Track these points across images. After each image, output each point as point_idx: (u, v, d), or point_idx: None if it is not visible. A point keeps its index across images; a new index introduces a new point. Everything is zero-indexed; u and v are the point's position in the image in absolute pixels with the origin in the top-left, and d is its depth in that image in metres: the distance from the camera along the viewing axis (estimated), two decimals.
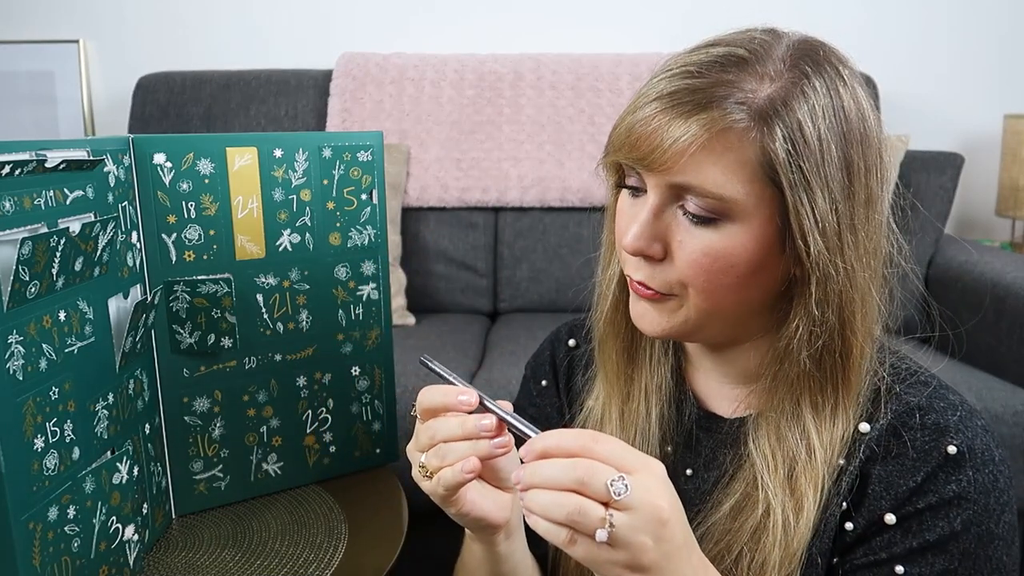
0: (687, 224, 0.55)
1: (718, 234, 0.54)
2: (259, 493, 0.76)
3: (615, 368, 0.67)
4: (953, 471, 0.54)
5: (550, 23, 2.14)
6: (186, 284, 0.69)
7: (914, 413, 0.56)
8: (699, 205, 0.54)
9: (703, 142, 0.52)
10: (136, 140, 0.66)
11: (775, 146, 0.52)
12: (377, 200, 0.77)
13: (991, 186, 2.17)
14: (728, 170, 0.52)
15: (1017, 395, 1.39)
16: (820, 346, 0.56)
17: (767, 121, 0.52)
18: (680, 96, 0.53)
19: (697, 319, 0.58)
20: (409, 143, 1.90)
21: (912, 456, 0.55)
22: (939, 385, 0.59)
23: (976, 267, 1.63)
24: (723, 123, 0.52)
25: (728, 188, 0.53)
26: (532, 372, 0.77)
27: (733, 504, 0.59)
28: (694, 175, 0.53)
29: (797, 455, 0.57)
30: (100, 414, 0.59)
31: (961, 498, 0.54)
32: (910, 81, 2.13)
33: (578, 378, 0.73)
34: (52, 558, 0.53)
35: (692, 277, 0.55)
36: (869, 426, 0.57)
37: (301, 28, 2.16)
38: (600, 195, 2.21)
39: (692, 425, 0.66)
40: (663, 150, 0.53)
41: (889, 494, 0.55)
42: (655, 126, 0.53)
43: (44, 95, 2.15)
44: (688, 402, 0.66)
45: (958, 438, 0.55)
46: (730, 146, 0.52)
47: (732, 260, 0.54)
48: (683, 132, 0.52)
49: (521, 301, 1.92)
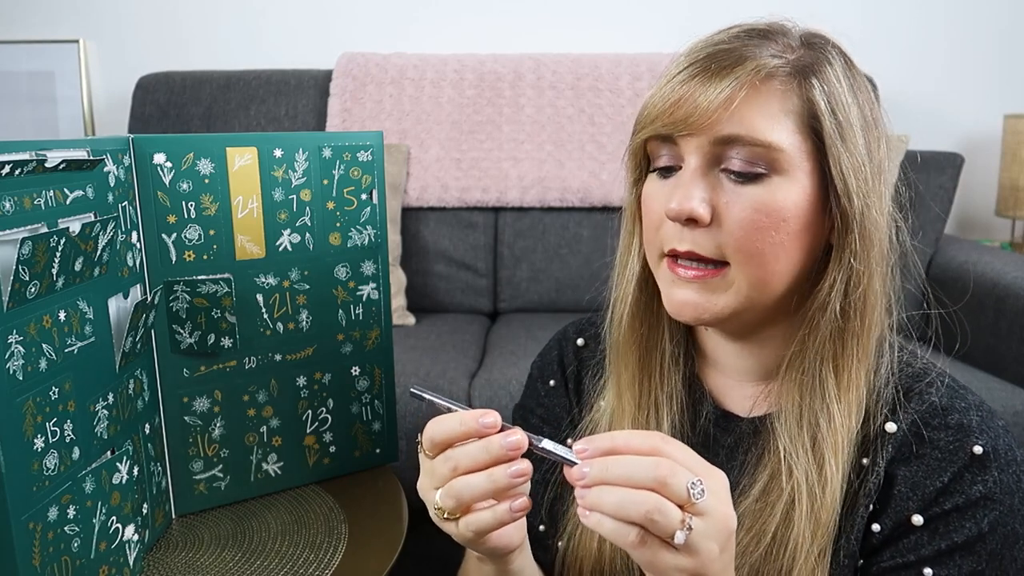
0: (732, 185, 0.55)
1: (765, 189, 0.55)
2: (259, 493, 0.76)
3: (630, 373, 0.65)
4: (979, 471, 0.54)
5: (550, 23, 2.14)
6: (186, 284, 0.69)
7: (937, 413, 0.56)
8: (745, 159, 0.55)
9: (747, 91, 0.54)
10: (136, 140, 0.66)
11: (815, 96, 0.54)
12: (377, 200, 0.77)
13: (991, 186, 2.17)
14: (773, 118, 0.54)
15: (1017, 395, 1.39)
16: (854, 309, 0.57)
17: (805, 74, 0.55)
18: (713, 59, 0.55)
19: (746, 293, 0.56)
20: (409, 143, 1.90)
21: (937, 456, 0.55)
22: (956, 385, 0.59)
23: (976, 267, 1.63)
24: (766, 71, 0.54)
25: (775, 134, 0.54)
26: (539, 372, 0.76)
27: (762, 488, 0.59)
28: (739, 125, 0.54)
29: (819, 423, 0.57)
30: (100, 414, 0.59)
31: (988, 499, 0.54)
32: (910, 81, 2.13)
33: (587, 378, 0.72)
34: (52, 558, 0.53)
35: (743, 238, 0.55)
36: (896, 426, 0.57)
37: (301, 28, 2.16)
38: (600, 195, 2.20)
39: (709, 425, 0.65)
40: (706, 107, 0.54)
41: (915, 495, 0.55)
42: (693, 87, 0.55)
43: (44, 95, 2.15)
44: (705, 402, 0.66)
45: (983, 438, 0.55)
46: (773, 95, 0.54)
47: (783, 214, 0.55)
48: (727, 84, 0.54)
49: (521, 301, 1.92)
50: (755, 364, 0.63)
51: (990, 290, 1.54)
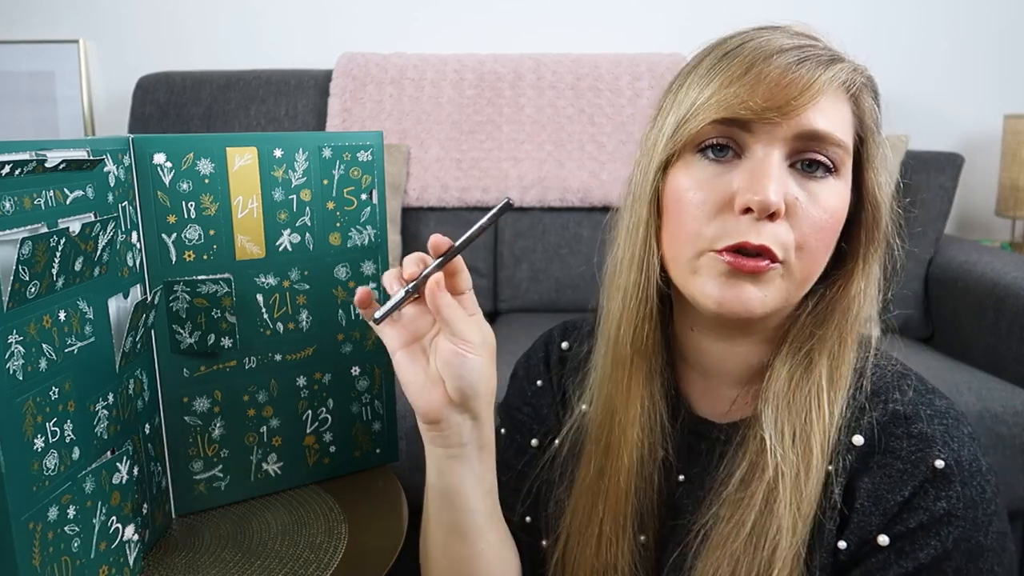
0: (803, 180, 0.55)
1: (831, 189, 0.56)
2: (259, 493, 0.76)
3: (643, 372, 0.63)
4: (943, 487, 0.54)
5: (550, 23, 2.14)
6: (186, 284, 0.69)
7: (900, 422, 0.56)
8: (824, 156, 0.55)
9: (835, 91, 0.55)
10: (136, 140, 0.66)
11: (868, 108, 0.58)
12: (377, 200, 0.77)
13: (991, 186, 2.17)
14: (845, 121, 0.56)
15: (1017, 395, 1.39)
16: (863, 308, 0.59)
17: (864, 89, 0.58)
18: (812, 50, 0.56)
19: (789, 292, 0.56)
20: (409, 143, 1.90)
21: (899, 468, 0.55)
22: (924, 389, 0.58)
23: (976, 267, 1.63)
24: (846, 78, 0.56)
25: (847, 137, 0.56)
26: (525, 372, 0.76)
27: (741, 477, 0.58)
28: (826, 120, 0.55)
29: (810, 415, 0.57)
30: (100, 414, 0.59)
31: (951, 515, 0.53)
32: (910, 81, 2.13)
33: (569, 382, 0.72)
34: (52, 558, 0.53)
35: (809, 236, 0.55)
36: (863, 439, 0.57)
37: (301, 28, 2.16)
38: (600, 195, 2.20)
39: (685, 431, 0.65)
40: (803, 93, 0.53)
41: (878, 509, 0.55)
42: (798, 71, 0.54)
43: (44, 95, 2.15)
44: (681, 409, 0.66)
45: (945, 451, 0.54)
46: (846, 100, 0.57)
47: (839, 216, 0.57)
48: (824, 81, 0.54)
49: (521, 301, 1.92)
50: (738, 366, 0.63)
51: (990, 290, 1.54)
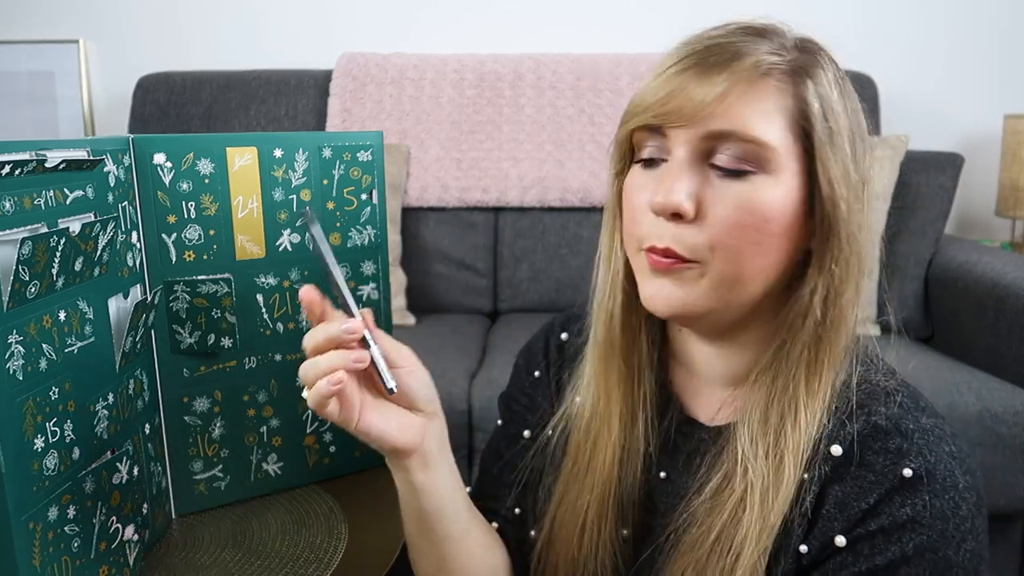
0: (718, 180, 0.55)
1: (751, 187, 0.54)
2: (259, 493, 0.76)
3: (616, 373, 0.65)
4: (909, 494, 0.53)
5: (550, 23, 2.14)
6: (186, 284, 0.69)
7: (879, 435, 0.55)
8: (734, 154, 0.54)
9: (743, 87, 0.54)
10: (136, 140, 0.66)
11: (809, 97, 0.54)
12: (377, 200, 0.77)
13: (991, 186, 2.17)
14: (766, 115, 0.54)
15: (1017, 395, 1.39)
16: (832, 316, 0.56)
17: (801, 75, 0.55)
18: (710, 52, 0.55)
19: (719, 290, 0.56)
20: (409, 143, 1.90)
21: (870, 479, 0.54)
22: (913, 407, 0.57)
23: (976, 267, 1.63)
24: (764, 67, 0.54)
25: (767, 132, 0.54)
26: (525, 362, 0.77)
27: (715, 487, 0.58)
28: (732, 120, 0.54)
29: (784, 427, 0.56)
30: (100, 414, 0.59)
31: (915, 522, 0.52)
32: (910, 81, 2.13)
33: (565, 373, 0.72)
34: (52, 558, 0.53)
35: (723, 236, 0.55)
36: (841, 449, 0.56)
37: (301, 28, 2.16)
38: (600, 195, 2.21)
39: (672, 428, 0.65)
40: (701, 99, 0.54)
41: (842, 515, 0.54)
42: (688, 79, 0.55)
43: (44, 95, 2.15)
44: (671, 405, 0.66)
45: (916, 461, 0.53)
46: (768, 92, 0.54)
47: (765, 215, 0.54)
48: (723, 78, 0.54)
49: (521, 301, 1.92)
50: (726, 369, 0.63)
51: (990, 290, 1.54)
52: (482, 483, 0.76)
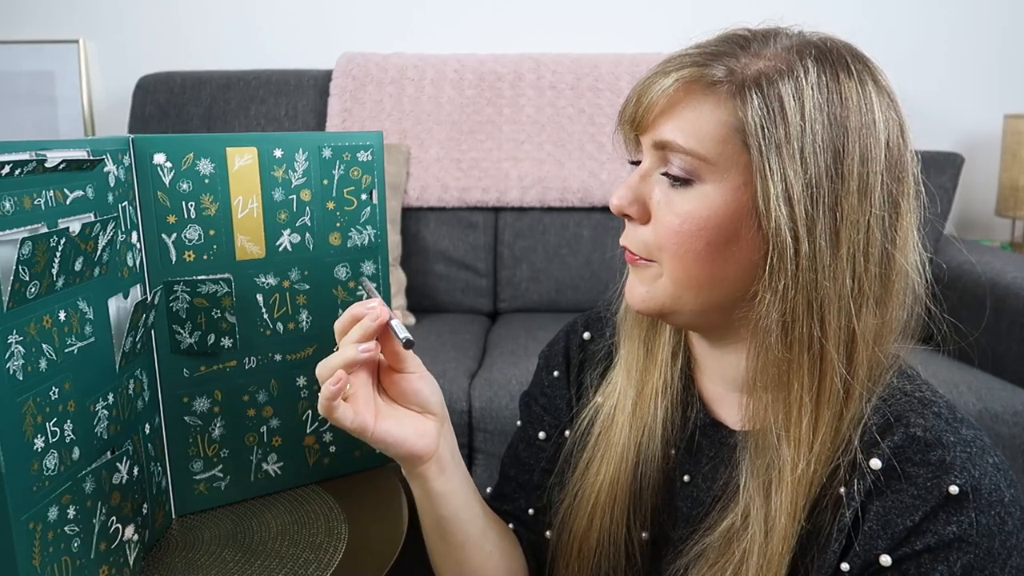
0: (666, 187, 0.57)
1: (691, 196, 0.55)
2: (259, 493, 0.76)
3: (636, 359, 0.67)
4: (954, 512, 0.52)
5: (550, 23, 2.14)
6: (186, 284, 0.69)
7: (918, 447, 0.54)
8: (677, 165, 0.56)
9: (675, 96, 0.55)
10: (136, 140, 0.66)
11: (747, 110, 0.53)
12: (377, 200, 0.77)
13: (991, 186, 2.17)
14: (701, 128, 0.54)
15: (1017, 395, 1.39)
16: (794, 339, 0.53)
17: (746, 89, 0.53)
18: (674, 60, 0.56)
19: (674, 291, 0.57)
20: (409, 143, 1.90)
21: (912, 493, 0.53)
22: (952, 417, 0.55)
23: (976, 267, 1.63)
24: (698, 77, 0.54)
25: (700, 145, 0.54)
26: (545, 361, 0.77)
27: (729, 526, 0.57)
28: (672, 131, 0.55)
29: (776, 458, 0.55)
30: (100, 414, 0.59)
31: (962, 540, 0.51)
32: (910, 81, 2.13)
33: (588, 372, 0.72)
34: (52, 558, 0.53)
35: (664, 239, 0.56)
36: (881, 463, 0.54)
37: (301, 28, 2.16)
38: (600, 195, 2.20)
39: (696, 430, 0.65)
40: (645, 105, 0.56)
41: (885, 532, 0.53)
42: (647, 87, 0.57)
43: (44, 95, 2.15)
44: (694, 406, 0.65)
45: (962, 477, 0.52)
46: (705, 104, 0.54)
47: (701, 223, 0.55)
48: (660, 86, 0.55)
49: (521, 301, 1.92)
50: (735, 373, 0.62)
51: (990, 290, 1.54)
52: (501, 485, 0.76)
